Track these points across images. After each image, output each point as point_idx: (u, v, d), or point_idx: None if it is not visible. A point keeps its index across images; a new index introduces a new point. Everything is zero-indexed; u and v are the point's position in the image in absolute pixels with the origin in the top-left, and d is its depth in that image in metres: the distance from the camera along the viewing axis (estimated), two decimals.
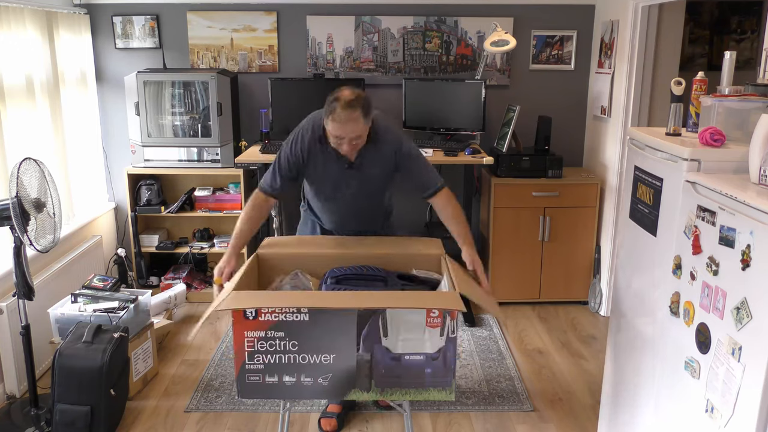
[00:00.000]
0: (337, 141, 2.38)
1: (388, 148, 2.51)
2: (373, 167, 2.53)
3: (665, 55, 3.94)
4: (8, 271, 2.97)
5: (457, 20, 4.30)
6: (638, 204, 2.24)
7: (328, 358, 1.92)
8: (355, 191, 2.58)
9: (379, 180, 2.59)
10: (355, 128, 2.33)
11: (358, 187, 2.56)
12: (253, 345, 1.91)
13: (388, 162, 2.53)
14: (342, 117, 2.29)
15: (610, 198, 4.04)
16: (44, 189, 2.71)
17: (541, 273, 4.16)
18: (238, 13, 4.27)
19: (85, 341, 2.78)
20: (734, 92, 2.01)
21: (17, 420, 2.86)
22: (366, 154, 2.50)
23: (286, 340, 1.91)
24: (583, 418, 2.99)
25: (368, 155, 2.50)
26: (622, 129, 3.86)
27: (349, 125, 2.31)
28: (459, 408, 3.05)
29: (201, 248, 4.30)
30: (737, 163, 1.84)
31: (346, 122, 2.30)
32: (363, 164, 2.51)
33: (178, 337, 3.79)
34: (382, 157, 2.52)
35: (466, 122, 4.19)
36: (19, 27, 3.37)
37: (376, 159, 2.51)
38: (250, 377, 1.94)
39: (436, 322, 1.89)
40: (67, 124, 3.87)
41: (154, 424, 2.92)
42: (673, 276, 1.96)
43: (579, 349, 3.68)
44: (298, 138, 2.52)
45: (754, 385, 1.55)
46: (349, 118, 2.29)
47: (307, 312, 1.88)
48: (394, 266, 2.40)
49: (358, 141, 2.39)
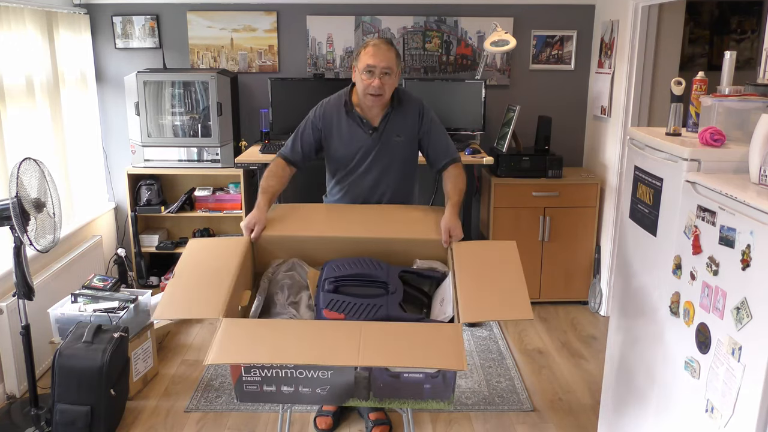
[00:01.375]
0: (368, 74, 2.45)
1: (413, 108, 2.59)
2: (396, 134, 2.55)
3: (665, 55, 3.94)
4: (8, 271, 2.97)
5: (457, 20, 4.30)
6: (638, 204, 2.24)
7: (325, 374, 1.84)
8: (375, 160, 2.57)
9: (402, 149, 2.59)
10: (387, 57, 2.44)
11: (380, 155, 2.57)
12: (250, 364, 1.85)
13: (412, 126, 2.58)
14: (378, 43, 2.46)
15: (610, 198, 4.04)
16: (44, 189, 2.71)
17: (541, 273, 4.16)
18: (238, 13, 4.27)
19: (85, 341, 2.78)
20: (734, 92, 2.01)
21: (17, 420, 2.86)
22: (390, 119, 2.55)
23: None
24: (583, 418, 2.99)
25: (392, 120, 2.56)
26: (622, 129, 3.86)
27: (382, 53, 2.44)
28: (459, 408, 3.05)
29: None
30: (737, 163, 1.84)
31: (380, 49, 2.44)
32: (387, 129, 2.55)
33: (178, 337, 3.79)
34: (406, 120, 2.57)
35: (466, 122, 4.19)
36: (19, 27, 3.37)
37: (399, 123, 2.56)
38: (248, 386, 1.88)
39: None
40: (67, 124, 3.87)
41: (154, 424, 2.92)
42: (673, 276, 1.96)
43: (579, 349, 3.68)
44: (324, 103, 2.61)
45: (754, 385, 1.55)
46: (383, 46, 2.45)
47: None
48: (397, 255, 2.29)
49: (388, 77, 2.46)
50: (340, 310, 2.05)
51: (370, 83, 2.45)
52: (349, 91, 2.60)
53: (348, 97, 2.57)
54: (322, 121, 2.58)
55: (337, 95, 2.62)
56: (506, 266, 2.11)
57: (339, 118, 2.57)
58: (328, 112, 2.58)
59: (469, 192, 3.99)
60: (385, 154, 2.58)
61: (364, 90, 2.48)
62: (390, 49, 2.47)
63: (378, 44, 2.46)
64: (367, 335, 1.82)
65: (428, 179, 3.22)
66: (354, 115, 2.56)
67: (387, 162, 2.60)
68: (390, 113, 2.56)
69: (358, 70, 2.49)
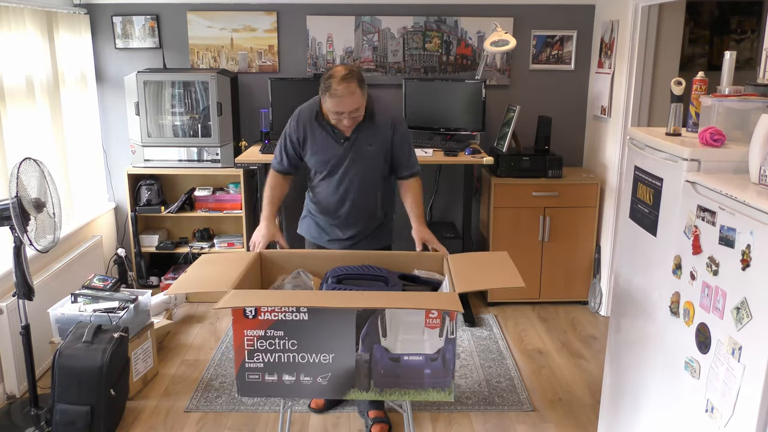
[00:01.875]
0: (338, 117, 2.45)
1: (385, 120, 2.60)
2: (368, 143, 2.58)
3: (665, 55, 3.94)
4: (8, 271, 2.97)
5: (457, 20, 4.30)
6: (638, 204, 2.24)
7: (327, 358, 1.92)
8: (349, 167, 2.61)
9: (374, 158, 2.62)
10: (353, 101, 2.40)
11: (353, 163, 2.60)
12: (253, 344, 1.91)
13: (384, 137, 2.60)
14: (339, 92, 2.36)
15: (610, 198, 4.04)
16: (44, 189, 2.71)
17: (541, 273, 4.16)
18: (238, 13, 4.27)
19: (85, 341, 2.78)
20: (734, 92, 2.01)
21: (17, 420, 2.86)
22: (362, 130, 2.57)
23: (285, 339, 1.91)
24: (583, 418, 2.99)
25: (364, 130, 2.58)
26: (622, 129, 3.86)
27: (347, 99, 2.38)
28: (459, 408, 3.05)
29: (201, 248, 4.30)
30: (737, 163, 1.84)
31: (344, 96, 2.38)
32: (358, 139, 2.58)
33: (178, 337, 3.79)
34: (378, 131, 2.58)
35: (466, 122, 4.19)
36: (19, 27, 3.37)
37: (371, 134, 2.58)
38: (250, 375, 1.95)
39: (435, 323, 1.89)
40: (67, 124, 3.87)
41: (154, 424, 2.92)
42: (673, 276, 1.96)
43: (579, 349, 3.68)
44: (297, 114, 2.65)
45: (754, 385, 1.55)
46: (346, 91, 2.37)
47: (306, 311, 1.88)
48: (397, 266, 2.40)
49: (357, 114, 2.46)
50: None
51: (340, 122, 2.48)
52: (320, 101, 2.56)
53: (319, 107, 2.57)
54: (296, 132, 2.63)
55: (308, 105, 2.64)
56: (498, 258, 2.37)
57: (312, 127, 2.60)
58: (302, 122, 2.62)
59: (469, 192, 4.02)
60: (359, 162, 2.61)
61: (337, 124, 2.51)
62: (354, 91, 2.37)
63: (340, 93, 2.36)
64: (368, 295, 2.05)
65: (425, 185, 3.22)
66: (326, 126, 2.58)
67: (361, 170, 2.63)
68: (362, 125, 2.56)
69: (327, 108, 2.47)
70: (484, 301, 4.29)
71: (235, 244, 4.32)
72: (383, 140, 2.61)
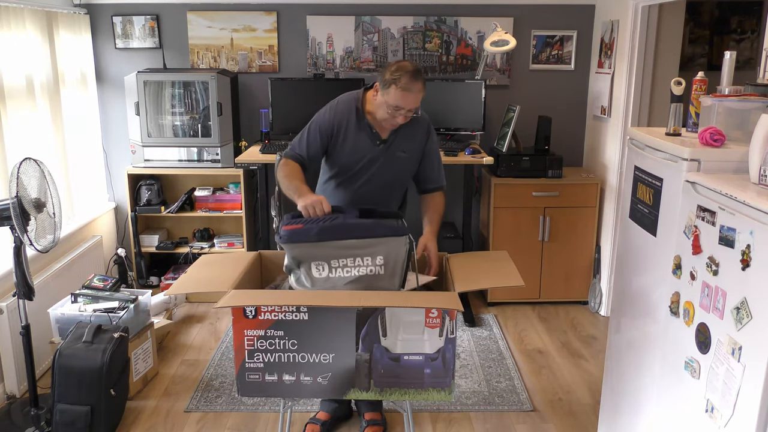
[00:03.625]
0: (393, 112, 2.35)
1: (422, 126, 2.53)
2: (402, 149, 2.50)
3: (665, 55, 3.94)
4: (8, 271, 2.97)
5: (457, 20, 4.30)
6: (638, 204, 2.24)
7: (327, 358, 1.92)
8: (377, 172, 2.50)
9: (404, 165, 2.54)
10: (417, 98, 2.34)
11: (382, 168, 2.49)
12: (253, 344, 1.91)
13: (419, 144, 2.52)
14: (410, 86, 2.29)
15: (610, 198, 4.04)
16: (44, 189, 2.71)
17: (541, 273, 4.16)
18: (238, 13, 4.27)
19: (85, 341, 2.78)
20: (734, 92, 2.00)
21: (17, 420, 2.87)
22: (399, 134, 2.49)
23: (285, 339, 1.91)
24: (583, 418, 2.99)
25: (401, 135, 2.49)
26: (622, 129, 3.86)
27: (415, 96, 2.32)
28: (459, 408, 3.05)
29: (201, 248, 4.30)
30: (737, 163, 1.84)
31: (414, 93, 2.31)
32: (394, 143, 2.49)
33: (178, 337, 3.79)
34: (415, 137, 2.51)
35: (466, 122, 4.19)
36: (19, 27, 3.37)
37: (407, 140, 2.50)
38: (250, 375, 1.95)
39: (435, 322, 1.89)
40: (67, 124, 3.87)
41: (154, 424, 2.92)
42: (673, 276, 1.96)
43: (579, 349, 3.68)
44: (334, 107, 2.49)
45: (754, 385, 1.55)
46: (415, 88, 2.31)
47: (306, 311, 1.88)
48: None
49: (411, 114, 2.39)
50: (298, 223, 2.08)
51: (393, 117, 2.38)
52: (362, 96, 2.49)
53: (360, 103, 2.47)
54: (330, 124, 2.47)
55: (347, 99, 2.50)
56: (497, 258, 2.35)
57: (348, 124, 2.47)
58: (339, 114, 2.47)
59: (469, 192, 4.02)
60: (388, 167, 2.51)
61: (386, 119, 2.41)
62: (421, 89, 2.34)
63: (410, 87, 2.30)
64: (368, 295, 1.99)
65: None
66: (364, 124, 2.47)
67: (388, 176, 2.53)
68: (400, 128, 2.48)
69: (385, 100, 2.36)
70: (484, 301, 4.29)
71: (235, 244, 4.32)
72: (417, 148, 2.52)
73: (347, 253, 2.04)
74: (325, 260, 2.04)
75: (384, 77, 2.35)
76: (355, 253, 2.03)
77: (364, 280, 2.04)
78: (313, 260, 2.05)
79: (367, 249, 2.03)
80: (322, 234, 2.02)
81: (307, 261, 2.05)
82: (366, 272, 2.04)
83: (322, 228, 2.03)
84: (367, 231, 2.04)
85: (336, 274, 2.04)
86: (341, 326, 1.90)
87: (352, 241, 2.03)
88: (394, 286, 2.07)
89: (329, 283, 2.04)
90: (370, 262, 2.04)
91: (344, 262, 2.04)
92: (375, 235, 2.03)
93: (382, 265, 2.04)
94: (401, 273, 2.07)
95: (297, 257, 2.06)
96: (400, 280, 2.07)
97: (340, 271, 2.05)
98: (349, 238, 2.02)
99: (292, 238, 2.04)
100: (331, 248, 2.03)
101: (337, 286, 2.04)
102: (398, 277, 2.07)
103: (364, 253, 2.03)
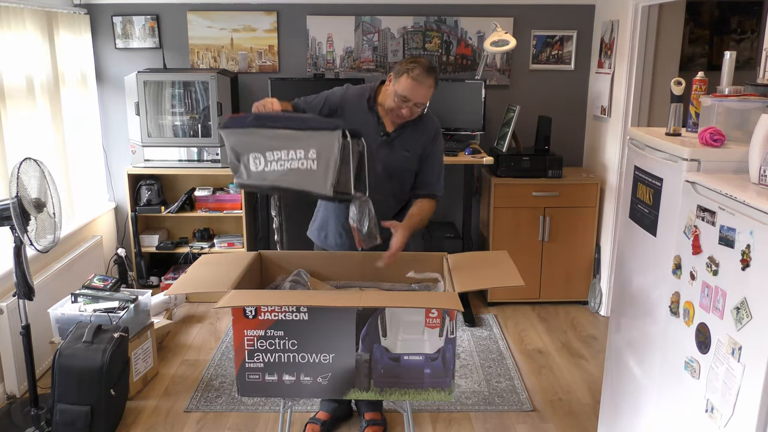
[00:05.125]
0: (401, 102, 2.36)
1: (430, 128, 2.53)
2: (405, 147, 2.48)
3: (665, 55, 3.94)
4: (8, 271, 2.97)
5: (457, 20, 4.30)
6: (638, 204, 2.24)
7: (327, 358, 1.92)
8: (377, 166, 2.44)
9: (404, 163, 2.51)
10: (426, 94, 2.36)
11: (383, 162, 2.45)
12: (253, 344, 1.91)
13: (424, 145, 2.50)
14: (421, 78, 2.32)
15: (610, 198, 4.04)
16: (44, 189, 2.71)
17: (541, 273, 4.16)
18: (238, 13, 4.27)
19: (85, 341, 2.78)
20: (734, 92, 2.01)
21: (17, 420, 2.87)
22: (405, 131, 2.48)
23: (285, 339, 1.91)
24: (583, 418, 2.99)
25: (407, 132, 2.49)
26: (622, 129, 3.86)
27: (423, 89, 2.34)
28: (459, 408, 3.05)
29: (201, 248, 4.30)
30: (737, 163, 1.84)
31: (423, 85, 2.33)
32: (398, 139, 2.48)
33: (178, 337, 3.79)
34: (421, 136, 2.50)
35: (466, 122, 4.19)
36: (19, 27, 3.37)
37: (413, 138, 2.49)
38: (250, 375, 1.95)
39: (435, 322, 1.89)
40: (67, 124, 3.87)
41: (154, 424, 2.92)
42: (673, 276, 1.96)
43: (579, 349, 3.68)
44: (348, 87, 2.52)
45: (754, 385, 1.55)
46: (426, 81, 2.33)
47: (306, 311, 1.88)
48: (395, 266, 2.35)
49: (418, 110, 2.40)
50: None
51: (399, 108, 2.38)
52: (377, 87, 2.51)
53: (373, 92, 2.49)
54: (337, 100, 2.47)
55: (363, 86, 2.54)
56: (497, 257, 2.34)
57: (358, 107, 2.47)
58: (350, 97, 2.49)
59: (469, 192, 4.02)
60: (388, 162, 2.48)
61: (393, 109, 2.41)
62: (432, 85, 2.35)
63: (421, 80, 2.32)
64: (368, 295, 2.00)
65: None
66: (374, 112, 2.47)
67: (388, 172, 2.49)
68: (407, 125, 2.48)
69: (395, 89, 2.37)
70: (484, 301, 4.29)
71: (235, 244, 4.32)
72: (421, 147, 2.50)
73: (281, 144, 2.06)
74: (260, 152, 2.07)
75: (398, 67, 2.38)
76: (289, 144, 2.05)
77: (297, 173, 2.04)
78: (251, 151, 2.08)
79: (301, 141, 2.05)
80: (257, 119, 2.07)
81: (245, 153, 2.08)
82: (299, 165, 2.05)
83: (258, 115, 2.10)
84: (302, 122, 2.08)
85: (271, 168, 2.07)
86: (341, 326, 1.89)
87: (286, 131, 2.05)
88: (327, 183, 2.05)
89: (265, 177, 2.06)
90: (303, 155, 2.05)
91: (279, 155, 2.07)
92: (309, 127, 2.06)
93: (314, 160, 2.05)
94: (335, 170, 2.05)
95: (235, 147, 2.09)
96: (333, 177, 2.05)
97: (275, 165, 2.07)
98: (283, 127, 2.05)
99: (230, 123, 2.11)
100: (265, 137, 2.06)
101: (268, 179, 2.06)
102: (332, 175, 2.05)
103: (297, 145, 2.05)
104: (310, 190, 2.07)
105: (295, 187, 2.07)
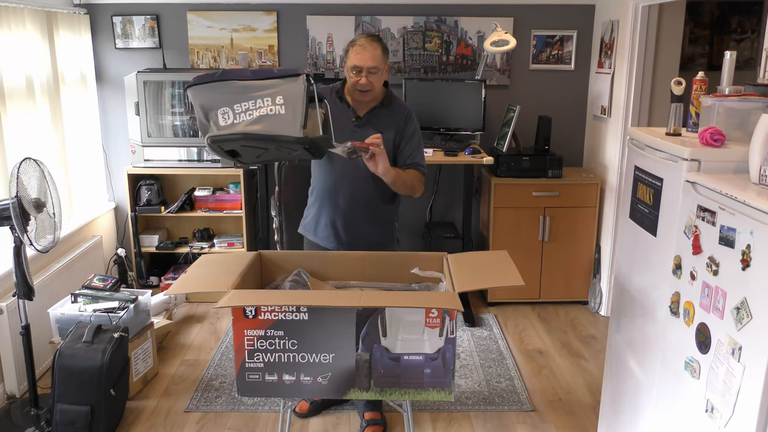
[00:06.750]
0: (356, 74, 2.49)
1: (401, 111, 2.64)
2: (378, 128, 2.54)
3: (665, 55, 3.94)
4: (8, 271, 2.97)
5: (457, 20, 4.30)
6: (638, 204, 2.24)
7: (327, 358, 1.92)
8: None
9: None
10: (373, 56, 2.47)
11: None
12: (253, 344, 1.91)
13: (397, 126, 2.60)
14: (363, 42, 2.48)
15: (610, 198, 4.04)
16: (44, 189, 2.71)
17: (541, 273, 4.16)
18: (238, 13, 4.27)
19: (85, 341, 2.78)
20: (734, 92, 2.01)
21: (17, 420, 2.86)
22: (376, 114, 2.59)
23: (285, 339, 1.91)
24: (583, 418, 2.99)
25: (378, 115, 2.59)
26: (622, 129, 3.86)
27: (367, 53, 2.47)
28: (459, 408, 3.05)
29: (201, 248, 4.30)
30: (737, 163, 1.84)
31: (366, 48, 2.47)
32: (370, 122, 2.58)
33: (178, 337, 3.79)
34: (392, 120, 2.60)
35: (466, 122, 4.19)
36: (19, 27, 3.37)
37: (385, 121, 2.59)
38: (250, 375, 1.95)
39: (435, 322, 1.89)
40: (67, 124, 3.87)
41: (154, 424, 2.92)
42: (673, 276, 1.96)
43: (579, 349, 3.68)
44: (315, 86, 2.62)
45: (754, 385, 1.55)
46: (369, 45, 2.47)
47: (306, 311, 1.88)
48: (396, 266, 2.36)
49: (374, 78, 2.50)
50: None
51: (357, 81, 2.51)
52: (342, 83, 2.65)
53: (341, 84, 2.64)
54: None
55: (331, 84, 2.69)
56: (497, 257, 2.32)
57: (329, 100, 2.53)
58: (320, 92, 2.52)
59: (469, 192, 4.02)
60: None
61: (353, 86, 2.54)
62: (376, 47, 2.49)
63: (364, 44, 2.48)
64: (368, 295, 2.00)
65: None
66: (344, 101, 2.61)
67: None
68: (377, 108, 2.60)
69: (347, 68, 2.55)
70: (484, 301, 4.29)
71: (235, 244, 4.32)
72: (395, 130, 2.60)
73: (248, 96, 2.12)
74: (228, 105, 2.12)
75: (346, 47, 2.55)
76: (256, 95, 2.11)
77: (266, 119, 2.09)
78: (219, 107, 2.13)
79: (267, 90, 2.11)
80: (224, 74, 2.14)
81: (214, 109, 2.13)
82: (267, 112, 2.10)
83: (225, 70, 2.18)
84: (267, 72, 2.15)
85: (240, 119, 2.12)
86: (341, 326, 1.89)
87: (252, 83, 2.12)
88: (296, 125, 2.10)
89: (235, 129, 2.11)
90: (270, 102, 2.11)
91: (246, 105, 2.12)
92: (274, 76, 2.13)
93: (282, 105, 2.10)
94: (302, 111, 2.11)
95: (204, 106, 2.14)
96: (301, 119, 2.11)
97: (244, 116, 2.12)
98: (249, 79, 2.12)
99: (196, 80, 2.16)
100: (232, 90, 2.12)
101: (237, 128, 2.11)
102: (299, 116, 2.11)
103: (264, 94, 2.11)
104: (280, 133, 2.12)
105: (264, 132, 2.12)
